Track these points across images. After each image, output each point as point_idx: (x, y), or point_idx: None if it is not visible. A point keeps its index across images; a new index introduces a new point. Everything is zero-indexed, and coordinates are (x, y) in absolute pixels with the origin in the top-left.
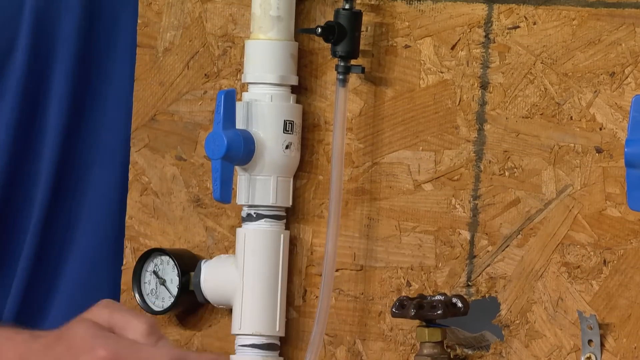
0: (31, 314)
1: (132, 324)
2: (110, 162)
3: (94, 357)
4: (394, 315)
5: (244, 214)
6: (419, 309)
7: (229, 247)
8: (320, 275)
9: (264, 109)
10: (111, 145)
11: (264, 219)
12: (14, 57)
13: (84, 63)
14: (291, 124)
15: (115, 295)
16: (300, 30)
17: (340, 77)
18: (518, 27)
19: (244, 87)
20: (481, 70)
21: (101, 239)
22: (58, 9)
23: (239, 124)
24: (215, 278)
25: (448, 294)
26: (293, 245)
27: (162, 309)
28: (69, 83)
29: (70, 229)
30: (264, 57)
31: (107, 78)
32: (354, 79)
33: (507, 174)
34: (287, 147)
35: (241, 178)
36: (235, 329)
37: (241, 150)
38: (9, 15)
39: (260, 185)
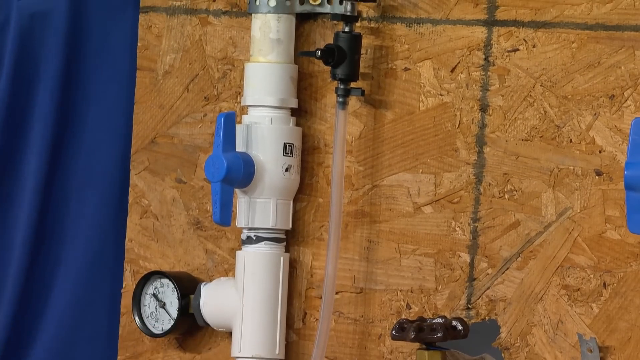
0: (22, 331)
1: None
2: (100, 182)
3: None
4: (393, 338)
5: (243, 236)
6: (419, 331)
7: (228, 270)
8: (320, 297)
9: (264, 131)
10: (100, 165)
11: (264, 242)
12: None
13: (68, 83)
14: (291, 146)
15: (109, 315)
16: (300, 53)
17: (340, 99)
18: (517, 49)
19: (244, 109)
20: (481, 92)
21: (92, 258)
22: (43, 29)
23: (239, 147)
24: (215, 301)
25: (448, 316)
26: (293, 267)
27: (161, 332)
28: (53, 103)
29: (58, 245)
30: (264, 79)
31: (94, 98)
32: (353, 101)
33: (506, 196)
34: (287, 169)
35: (241, 201)
36: (235, 352)
37: (241, 173)
38: None
39: (260, 208)
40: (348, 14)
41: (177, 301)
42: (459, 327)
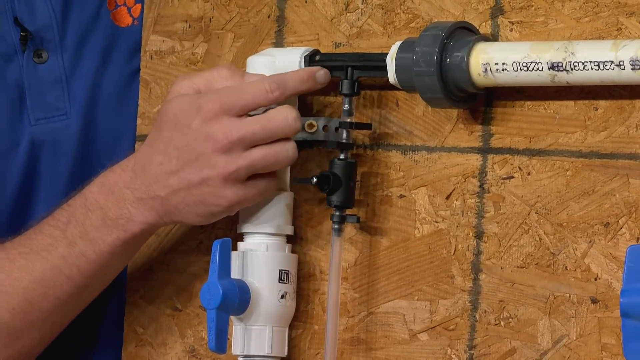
0: None
1: (214, 74)
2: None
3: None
4: None
5: None
6: None
7: None
8: None
9: (260, 258)
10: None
11: None
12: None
13: None
14: (286, 273)
15: None
16: (296, 181)
17: (336, 226)
18: (512, 177)
19: (240, 237)
20: (476, 220)
21: None
22: (54, 154)
23: (235, 274)
24: None
25: None
26: None
27: None
28: None
29: None
30: (260, 207)
31: None
32: (349, 228)
33: (502, 323)
34: (282, 296)
35: (236, 328)
36: None
37: (236, 300)
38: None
39: (256, 335)
40: (343, 141)
41: None
42: None
